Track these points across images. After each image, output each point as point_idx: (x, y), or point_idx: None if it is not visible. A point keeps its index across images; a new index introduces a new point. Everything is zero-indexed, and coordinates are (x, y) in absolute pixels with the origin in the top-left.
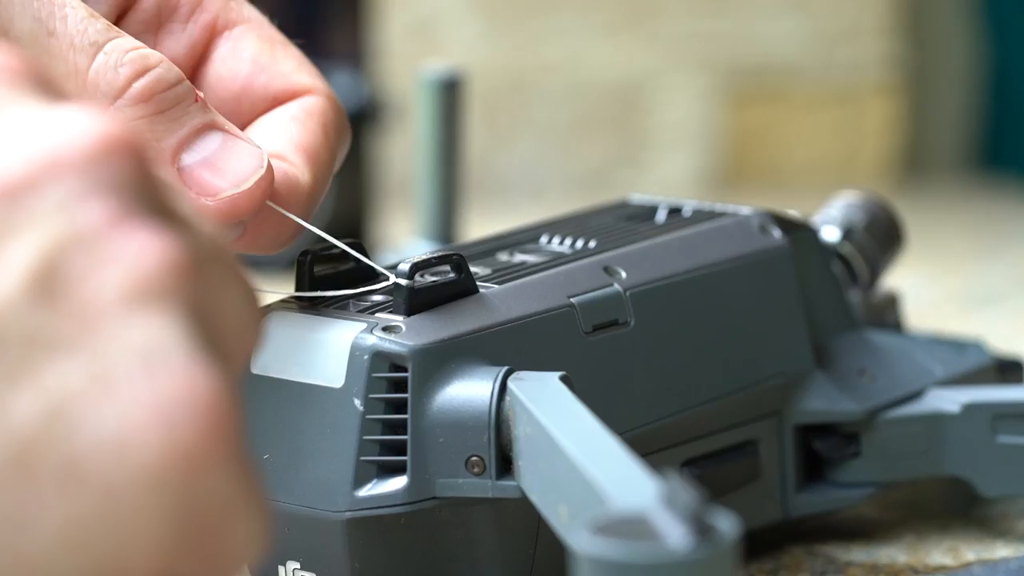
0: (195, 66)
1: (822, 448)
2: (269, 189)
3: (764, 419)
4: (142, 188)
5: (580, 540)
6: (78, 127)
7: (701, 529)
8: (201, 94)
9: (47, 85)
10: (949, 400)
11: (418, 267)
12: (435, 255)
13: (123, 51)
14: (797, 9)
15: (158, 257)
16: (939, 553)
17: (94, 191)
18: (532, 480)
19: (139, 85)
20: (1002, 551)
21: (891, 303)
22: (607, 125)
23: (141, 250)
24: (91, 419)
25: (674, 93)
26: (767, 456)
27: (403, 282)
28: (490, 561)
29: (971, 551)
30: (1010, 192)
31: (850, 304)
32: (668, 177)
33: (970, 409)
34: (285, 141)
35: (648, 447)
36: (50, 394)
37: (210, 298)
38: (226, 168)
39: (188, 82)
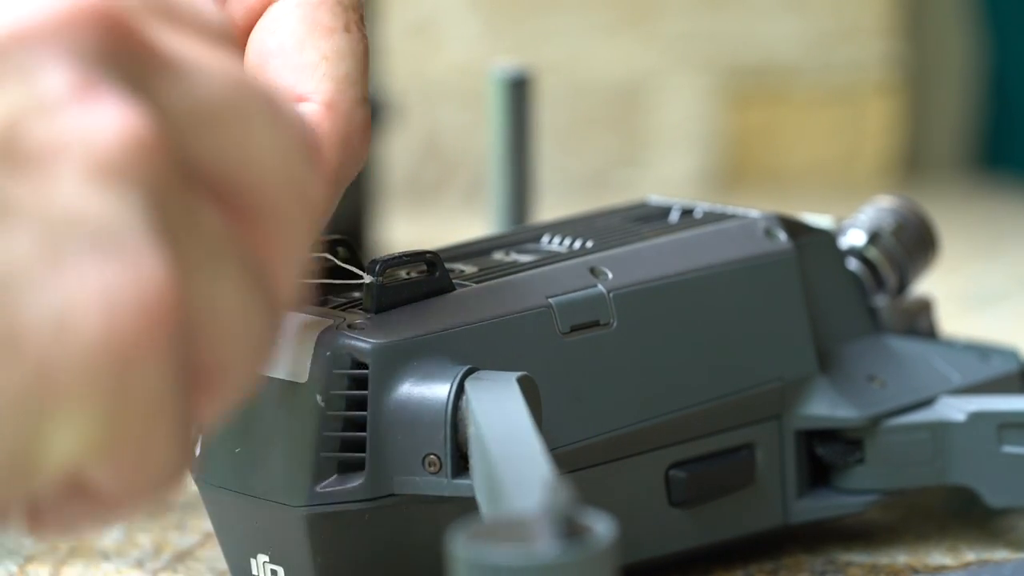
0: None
1: (824, 454)
2: None
3: (762, 423)
4: (115, 59)
5: (455, 541)
6: None
7: (572, 532)
8: None
9: None
10: (955, 408)
11: (388, 264)
12: (407, 253)
13: None
14: (797, 9)
15: (119, 132)
16: (939, 553)
17: (59, 59)
18: (476, 479)
19: None
20: (1002, 551)
21: (924, 308)
22: (607, 125)
23: (102, 123)
24: (35, 292)
25: (674, 93)
26: (765, 460)
27: (370, 279)
28: None
29: (971, 551)
30: (1010, 192)
31: (870, 309)
32: (668, 177)
33: (976, 418)
34: None
35: (632, 448)
36: None
37: (184, 188)
38: None
39: None
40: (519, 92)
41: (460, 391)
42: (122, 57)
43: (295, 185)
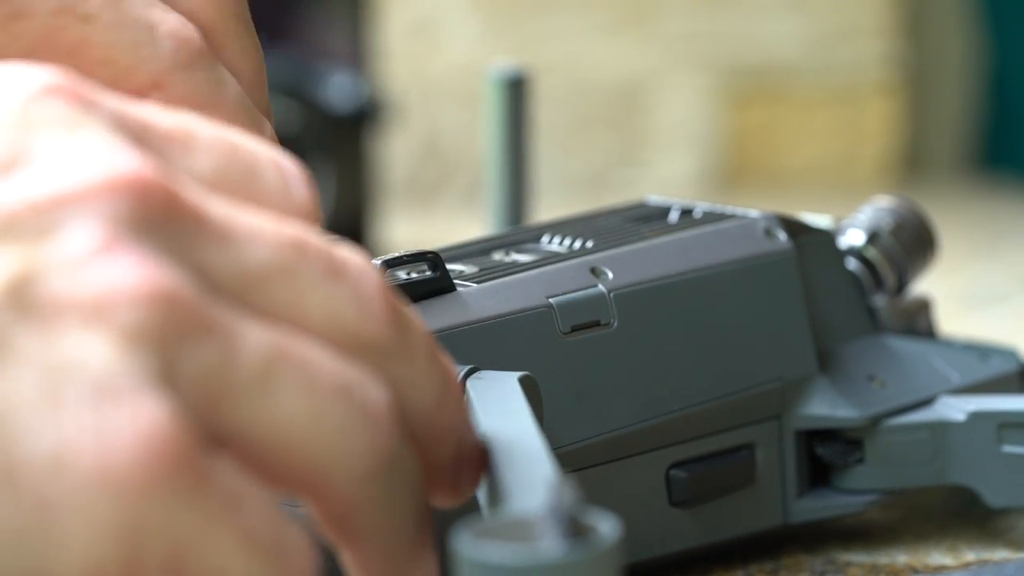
0: None
1: (824, 454)
2: None
3: (762, 423)
4: (150, 223)
5: (458, 541)
6: (98, 164)
7: (577, 532)
8: None
9: (87, 104)
10: (955, 408)
11: (388, 264)
12: (408, 253)
13: None
14: (797, 9)
15: (131, 287)
16: (939, 553)
17: (89, 220)
18: None
19: None
20: (1002, 551)
21: (923, 308)
22: (607, 125)
23: (116, 278)
24: (33, 431)
25: (674, 93)
26: (765, 460)
27: None
28: None
29: (971, 551)
30: (1010, 192)
31: (869, 309)
32: (668, 177)
33: (975, 417)
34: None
35: (632, 448)
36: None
37: (207, 353)
38: None
39: None
40: (516, 92)
41: (462, 391)
42: (158, 221)
43: (347, 437)
